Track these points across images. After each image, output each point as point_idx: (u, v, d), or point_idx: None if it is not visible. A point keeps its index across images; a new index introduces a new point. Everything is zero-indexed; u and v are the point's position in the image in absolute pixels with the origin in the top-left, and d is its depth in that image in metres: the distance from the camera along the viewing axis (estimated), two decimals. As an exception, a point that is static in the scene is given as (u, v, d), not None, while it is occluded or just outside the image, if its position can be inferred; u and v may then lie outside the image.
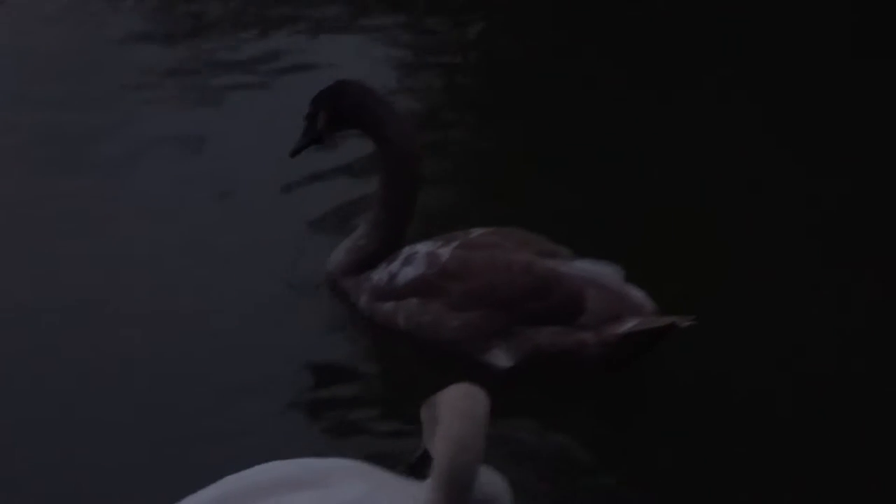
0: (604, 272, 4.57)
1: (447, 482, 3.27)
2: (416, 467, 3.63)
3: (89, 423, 4.41)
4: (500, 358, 4.54)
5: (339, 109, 4.96)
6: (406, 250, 4.81)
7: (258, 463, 3.52)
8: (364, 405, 4.59)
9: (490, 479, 3.48)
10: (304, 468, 3.43)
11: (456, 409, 3.33)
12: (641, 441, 4.31)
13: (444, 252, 4.67)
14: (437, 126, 6.69)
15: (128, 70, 7.05)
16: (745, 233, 5.45)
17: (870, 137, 6.25)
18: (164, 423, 4.40)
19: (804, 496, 4.03)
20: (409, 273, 4.72)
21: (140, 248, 5.40)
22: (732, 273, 5.12)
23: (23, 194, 5.75)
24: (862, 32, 7.50)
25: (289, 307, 5.06)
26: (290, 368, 4.73)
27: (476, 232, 4.76)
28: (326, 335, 4.97)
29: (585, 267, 4.58)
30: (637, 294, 4.52)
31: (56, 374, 4.66)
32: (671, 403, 4.45)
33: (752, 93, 6.77)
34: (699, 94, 6.82)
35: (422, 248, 4.76)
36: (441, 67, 7.48)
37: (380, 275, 4.84)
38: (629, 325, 4.43)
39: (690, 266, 5.15)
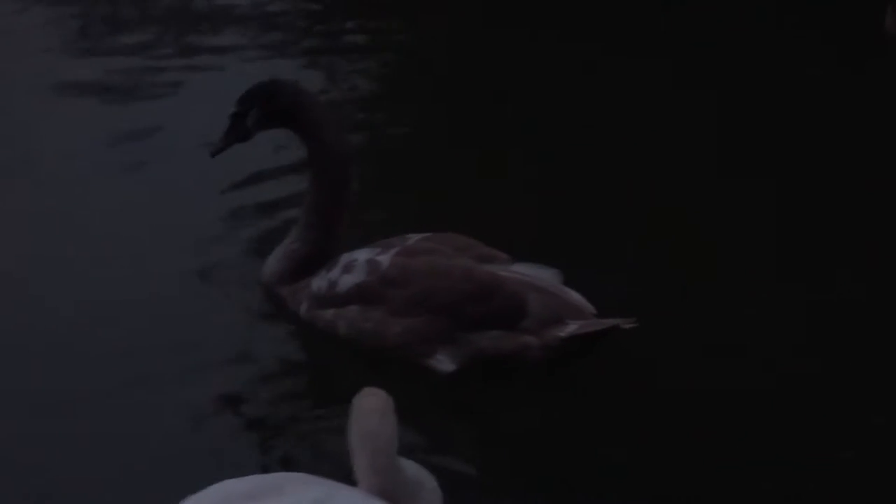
0: (543, 276, 4.65)
1: (371, 471, 3.42)
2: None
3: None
4: (444, 362, 4.59)
5: (272, 108, 4.96)
6: (345, 257, 4.83)
7: (198, 483, 3.51)
8: (303, 414, 4.58)
9: (415, 468, 3.59)
10: (257, 483, 3.42)
11: (362, 409, 3.47)
12: (581, 440, 4.37)
13: (384, 259, 4.71)
14: (371, 128, 6.74)
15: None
16: (709, 232, 5.59)
17: (841, 141, 6.41)
18: (87, 447, 4.31)
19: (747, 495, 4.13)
20: (349, 280, 4.75)
21: (59, 255, 5.39)
22: (698, 270, 5.25)
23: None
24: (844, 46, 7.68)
25: (222, 316, 5.02)
26: (224, 379, 4.69)
27: (413, 238, 4.80)
28: (263, 344, 4.93)
29: (524, 271, 4.66)
30: (576, 297, 4.61)
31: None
32: (620, 403, 4.53)
33: (709, 86, 6.93)
34: (651, 86, 6.95)
35: (361, 255, 4.79)
36: (375, 66, 7.54)
37: (319, 282, 4.85)
38: (572, 327, 4.50)
39: (651, 263, 5.28)
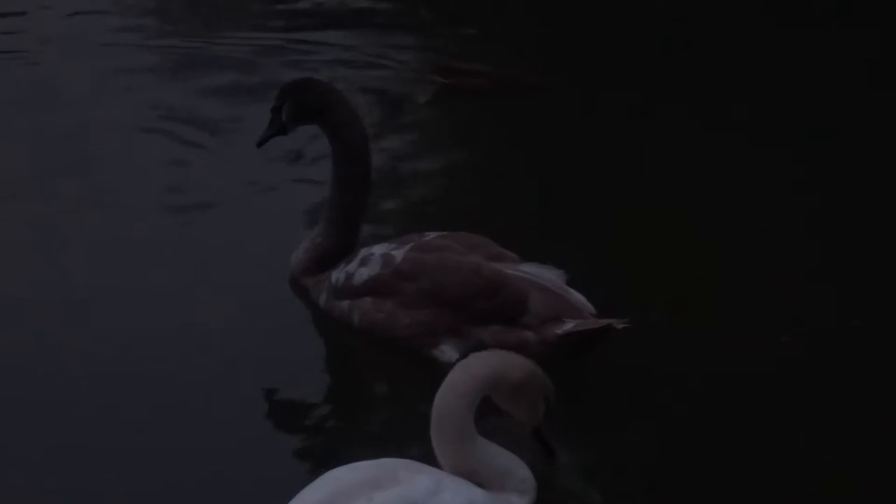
0: (547, 276, 4.84)
1: (434, 423, 3.63)
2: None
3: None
4: (448, 353, 4.80)
5: (302, 104, 5.24)
6: (363, 251, 5.08)
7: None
8: (318, 403, 4.80)
9: (509, 457, 3.74)
10: (368, 472, 3.54)
11: (463, 364, 3.71)
12: (576, 432, 4.50)
13: (399, 254, 4.94)
14: (403, 130, 6.93)
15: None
16: (716, 233, 5.77)
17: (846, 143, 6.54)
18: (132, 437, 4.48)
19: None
20: (364, 273, 4.99)
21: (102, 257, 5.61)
22: (703, 272, 5.45)
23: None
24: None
25: (251, 305, 5.23)
26: (249, 368, 4.90)
27: (430, 235, 5.03)
28: (288, 333, 5.15)
29: (530, 270, 4.85)
30: (577, 297, 4.80)
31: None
32: (619, 396, 4.72)
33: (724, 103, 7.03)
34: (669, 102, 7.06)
35: (378, 249, 5.02)
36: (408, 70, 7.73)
37: (338, 274, 5.10)
38: (568, 325, 4.70)
39: (659, 268, 5.47)
